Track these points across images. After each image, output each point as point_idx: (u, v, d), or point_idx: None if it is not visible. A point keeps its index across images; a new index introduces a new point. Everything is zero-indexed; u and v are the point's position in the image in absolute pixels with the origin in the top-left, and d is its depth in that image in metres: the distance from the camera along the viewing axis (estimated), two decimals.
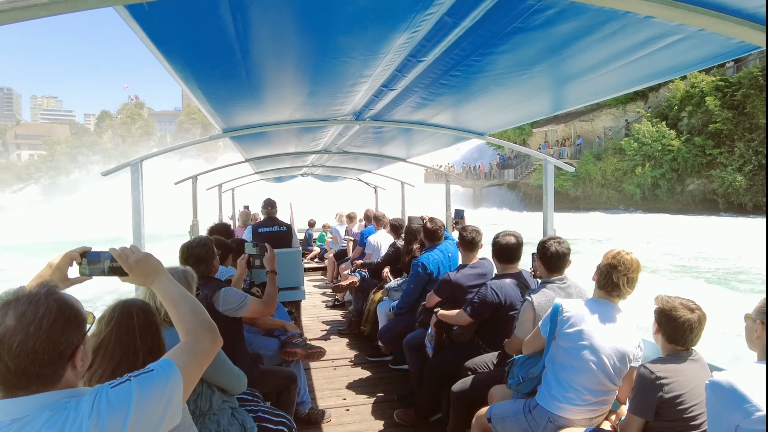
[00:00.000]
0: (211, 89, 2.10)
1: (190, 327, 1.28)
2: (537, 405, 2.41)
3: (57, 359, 1.07)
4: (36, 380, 1.06)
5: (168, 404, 1.13)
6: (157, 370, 1.15)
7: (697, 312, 2.04)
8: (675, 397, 1.97)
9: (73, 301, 1.14)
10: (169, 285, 1.35)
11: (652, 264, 18.24)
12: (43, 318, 1.05)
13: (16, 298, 1.07)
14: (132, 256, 1.37)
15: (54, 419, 1.03)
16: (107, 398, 1.06)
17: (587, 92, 2.36)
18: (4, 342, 1.01)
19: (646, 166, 36.57)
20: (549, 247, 2.79)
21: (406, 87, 2.31)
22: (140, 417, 1.07)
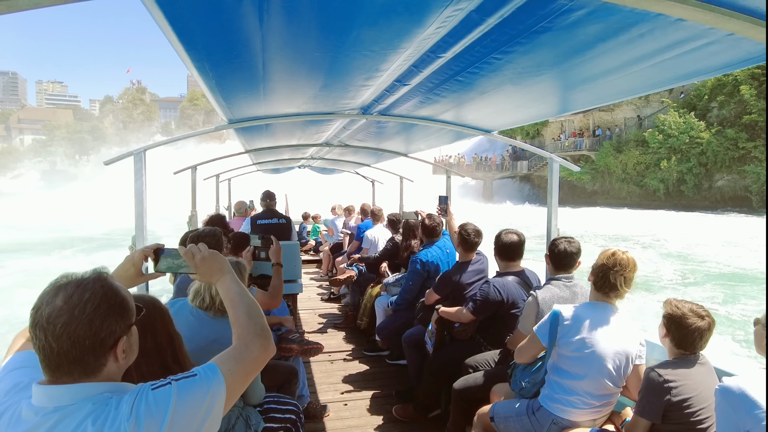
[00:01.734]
0: (225, 80, 2.06)
1: (242, 331, 1.26)
2: (540, 407, 2.42)
3: (98, 346, 1.07)
4: (78, 366, 1.06)
5: (207, 413, 1.10)
6: (199, 376, 1.13)
7: (707, 319, 2.04)
8: (682, 401, 1.98)
9: (121, 290, 1.14)
10: (231, 285, 1.35)
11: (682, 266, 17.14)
12: (87, 302, 1.06)
13: (67, 282, 1.09)
14: (198, 254, 1.38)
15: (96, 414, 1.03)
16: (146, 401, 1.05)
17: (603, 94, 2.35)
18: (50, 322, 1.03)
19: (672, 159, 34.25)
20: (558, 245, 2.81)
21: (420, 83, 2.28)
22: (177, 423, 1.06)
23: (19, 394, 1.13)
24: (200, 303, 2.21)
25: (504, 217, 29.99)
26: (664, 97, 36.66)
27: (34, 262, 19.47)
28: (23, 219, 38.10)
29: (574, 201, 40.80)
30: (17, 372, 1.22)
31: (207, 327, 2.13)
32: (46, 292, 1.08)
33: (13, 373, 1.22)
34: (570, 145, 42.51)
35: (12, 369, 1.24)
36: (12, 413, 1.08)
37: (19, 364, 1.25)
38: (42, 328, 1.03)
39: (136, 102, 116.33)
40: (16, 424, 1.05)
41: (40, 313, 1.05)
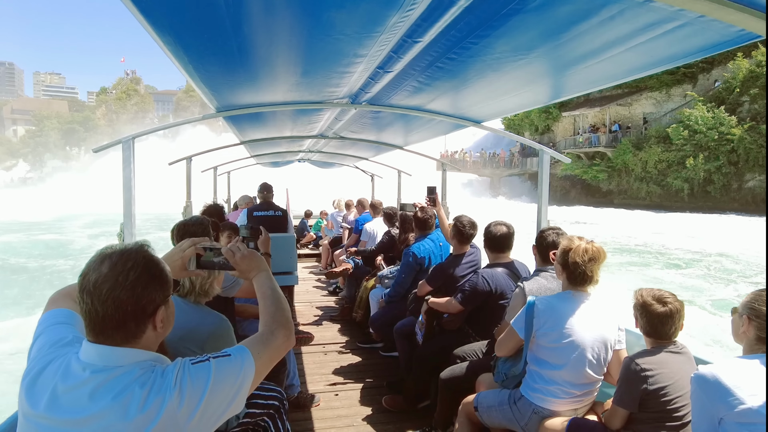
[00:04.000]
0: (203, 65, 2.05)
1: (269, 319, 1.35)
2: (522, 396, 2.42)
3: (139, 313, 1.14)
4: (119, 330, 1.13)
5: (238, 391, 1.18)
6: (233, 356, 1.21)
7: (670, 305, 2.04)
8: (659, 389, 1.98)
9: (161, 263, 1.22)
10: (266, 281, 1.47)
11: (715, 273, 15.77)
12: (130, 270, 1.13)
13: (112, 251, 1.17)
14: (238, 252, 1.49)
15: (143, 379, 1.10)
16: (189, 374, 1.13)
17: (586, 80, 2.32)
18: (97, 287, 1.11)
19: (699, 157, 31.27)
20: (546, 237, 2.80)
21: (403, 70, 2.27)
22: (213, 398, 1.13)
23: (65, 348, 1.19)
24: (180, 290, 2.22)
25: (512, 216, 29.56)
26: (689, 91, 34.44)
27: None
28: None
29: (587, 201, 39.60)
30: (61, 327, 1.28)
31: (186, 315, 2.14)
32: (93, 260, 1.16)
33: (56, 327, 1.28)
34: (584, 141, 40.29)
35: (54, 323, 1.30)
36: (60, 364, 1.13)
37: (60, 319, 1.31)
38: (89, 293, 1.11)
39: (130, 93, 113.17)
40: (66, 376, 1.10)
41: (88, 278, 1.12)
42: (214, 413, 1.14)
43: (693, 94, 33.75)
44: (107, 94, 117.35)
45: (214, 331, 2.13)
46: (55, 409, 1.07)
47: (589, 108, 40.33)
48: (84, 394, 1.07)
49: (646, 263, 17.66)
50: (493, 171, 49.67)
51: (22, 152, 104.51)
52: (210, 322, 2.18)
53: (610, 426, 2.15)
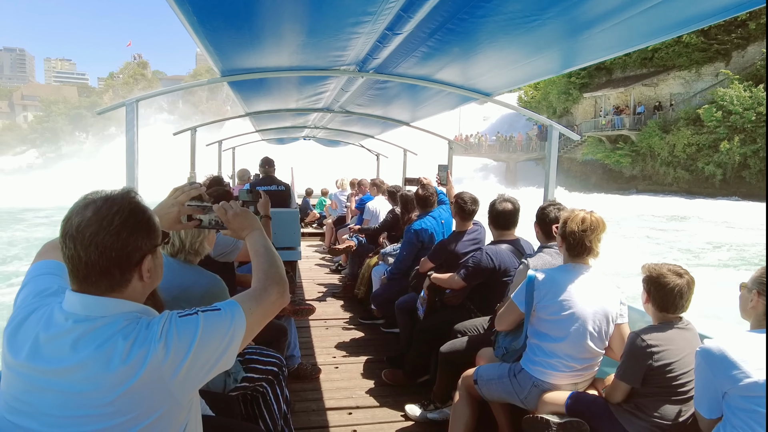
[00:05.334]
0: (208, 19, 1.99)
1: (262, 276, 1.31)
2: (522, 369, 2.40)
3: (124, 260, 1.10)
4: (104, 278, 1.09)
5: (228, 346, 1.14)
6: (223, 310, 1.17)
7: (686, 277, 2.01)
8: (664, 366, 1.95)
9: (148, 210, 1.18)
10: (259, 239, 1.43)
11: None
12: (115, 215, 1.09)
13: (98, 196, 1.13)
14: (230, 210, 1.45)
15: (127, 330, 1.06)
16: (176, 326, 1.09)
17: (600, 46, 2.24)
18: (80, 231, 1.07)
19: (734, 140, 28.91)
20: (548, 214, 2.75)
21: (412, 32, 2.19)
22: (200, 352, 1.09)
23: (49, 298, 1.16)
24: (170, 249, 2.19)
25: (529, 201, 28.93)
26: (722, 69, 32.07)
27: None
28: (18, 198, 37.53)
29: (609, 186, 37.41)
30: (46, 277, 1.25)
31: (177, 275, 2.11)
32: (77, 204, 1.11)
33: (40, 277, 1.26)
34: (607, 124, 37.78)
35: (40, 274, 1.27)
36: (42, 313, 1.11)
37: (47, 269, 1.29)
38: (71, 237, 1.07)
39: (137, 77, 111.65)
40: (48, 325, 1.08)
41: (70, 222, 1.08)
42: (202, 368, 1.11)
43: (727, 72, 31.41)
44: (114, 78, 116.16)
45: (208, 290, 2.11)
46: (37, 358, 1.05)
47: (612, 89, 38.21)
48: (66, 343, 1.05)
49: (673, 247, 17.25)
50: (510, 155, 47.00)
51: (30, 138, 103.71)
52: (204, 282, 2.15)
53: (610, 399, 2.13)
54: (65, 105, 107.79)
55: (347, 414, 3.23)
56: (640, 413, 2.01)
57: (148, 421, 1.06)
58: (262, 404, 2.51)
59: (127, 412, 1.04)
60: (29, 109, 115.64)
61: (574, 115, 43.68)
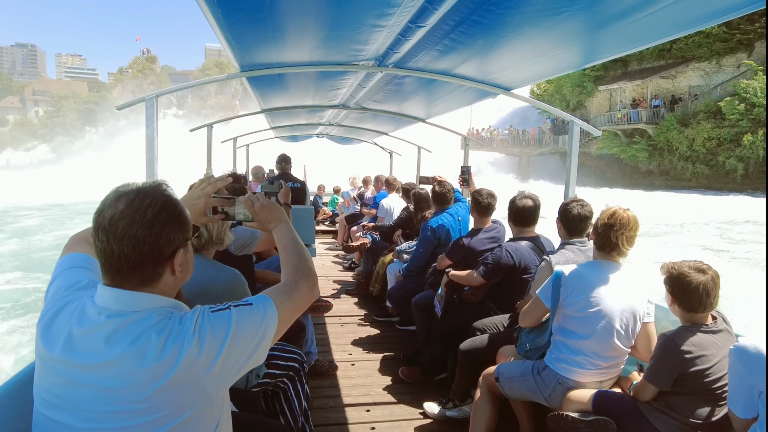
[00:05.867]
0: (231, 11, 1.99)
1: (292, 270, 1.30)
2: (546, 367, 2.37)
3: (157, 254, 1.09)
4: (137, 272, 1.08)
5: (260, 341, 1.13)
6: (255, 305, 1.15)
7: (709, 272, 1.94)
8: (699, 371, 1.89)
9: (180, 203, 1.16)
10: (286, 231, 1.41)
11: None
12: (148, 208, 1.07)
13: (129, 189, 1.11)
14: (257, 202, 1.43)
15: (160, 326, 1.05)
16: (209, 322, 1.08)
17: (626, 39, 2.18)
18: (113, 224, 1.05)
19: (758, 133, 27.85)
20: (571, 210, 2.71)
21: (435, 25, 2.16)
22: (234, 347, 1.08)
23: (80, 292, 1.16)
24: (196, 242, 2.17)
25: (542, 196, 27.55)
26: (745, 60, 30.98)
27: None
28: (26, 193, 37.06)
29: (624, 182, 36.29)
30: (76, 270, 1.25)
31: (197, 271, 2.09)
32: (108, 197, 1.10)
33: (71, 270, 1.25)
34: (623, 117, 36.65)
35: (70, 267, 1.26)
36: (75, 307, 1.10)
37: (76, 262, 1.28)
38: (104, 231, 1.06)
39: (146, 71, 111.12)
40: (81, 319, 1.07)
41: (103, 215, 1.07)
42: (235, 364, 1.09)
43: (750, 62, 30.44)
44: (123, 73, 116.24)
45: (228, 286, 2.10)
46: (71, 352, 1.05)
47: (628, 81, 36.95)
48: (100, 338, 1.04)
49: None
50: (522, 150, 46.07)
51: (41, 133, 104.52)
52: (224, 278, 2.14)
53: (639, 398, 2.09)
54: (75, 100, 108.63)
55: (365, 411, 3.22)
56: (671, 412, 1.96)
57: (182, 418, 1.05)
58: (283, 400, 2.51)
59: (162, 409, 1.03)
60: (40, 104, 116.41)
61: (588, 108, 42.68)
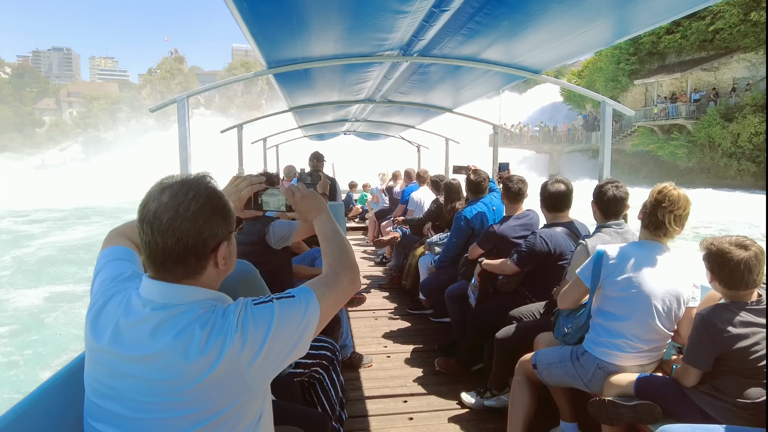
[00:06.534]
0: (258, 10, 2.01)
1: (333, 261, 1.29)
2: (585, 352, 2.31)
3: (201, 246, 1.09)
4: (180, 265, 1.08)
5: (303, 334, 1.13)
6: (297, 297, 1.15)
7: (753, 248, 1.84)
8: (738, 350, 1.81)
9: (224, 195, 1.16)
10: (327, 222, 1.40)
11: None
12: (192, 200, 1.07)
13: (174, 181, 1.11)
14: (298, 192, 1.43)
15: (203, 319, 1.06)
16: (252, 314, 1.08)
17: (661, 7, 2.11)
18: (156, 216, 1.06)
19: None
20: (606, 192, 2.63)
21: (459, 9, 2.14)
22: (276, 340, 1.08)
23: (125, 283, 1.18)
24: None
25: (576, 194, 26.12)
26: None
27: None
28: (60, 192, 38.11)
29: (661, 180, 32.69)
30: (119, 263, 1.27)
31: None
32: (153, 189, 1.10)
33: (114, 263, 1.27)
34: (660, 112, 34.48)
35: (112, 259, 1.29)
36: (121, 299, 1.13)
37: (118, 255, 1.30)
38: (149, 223, 1.06)
39: (173, 72, 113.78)
40: (127, 311, 1.10)
41: (147, 208, 1.07)
42: (278, 357, 1.09)
43: None
44: (152, 74, 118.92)
45: (242, 276, 2.12)
46: (119, 343, 1.07)
47: (666, 74, 35.17)
48: (145, 330, 1.06)
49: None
50: (553, 147, 43.96)
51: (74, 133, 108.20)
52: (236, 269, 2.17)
53: (683, 383, 2.01)
54: (106, 101, 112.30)
55: (402, 402, 3.22)
56: (719, 394, 1.89)
57: (227, 410, 1.07)
58: (320, 390, 2.54)
59: (206, 401, 1.05)
60: (74, 105, 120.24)
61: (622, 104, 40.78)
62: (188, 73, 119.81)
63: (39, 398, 1.39)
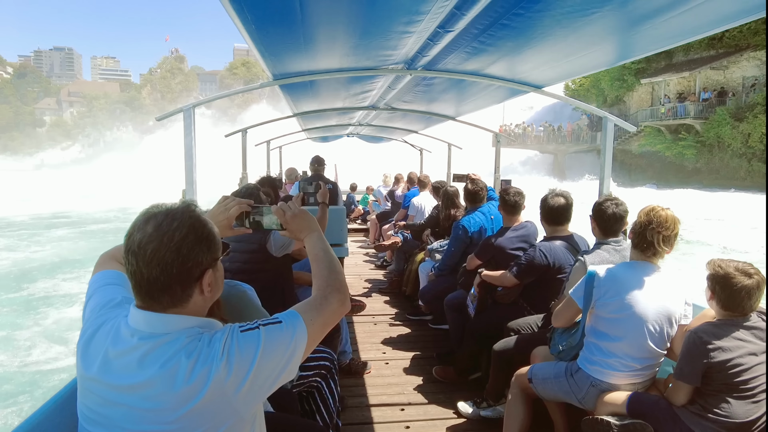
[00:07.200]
0: (264, 25, 2.04)
1: (322, 284, 1.29)
2: (579, 369, 2.35)
3: (185, 275, 1.11)
4: (166, 294, 1.10)
5: (290, 359, 1.14)
6: (284, 323, 1.16)
7: (756, 277, 1.91)
8: (723, 363, 1.88)
9: (209, 224, 1.17)
10: (317, 241, 1.40)
11: None
12: (176, 230, 1.09)
13: (158, 211, 1.13)
14: (289, 211, 1.42)
15: (189, 348, 1.08)
16: (238, 342, 1.09)
17: (659, 37, 2.14)
18: (141, 247, 1.08)
19: None
20: (606, 209, 2.67)
21: (464, 29, 2.18)
22: (263, 367, 1.10)
23: (113, 311, 1.20)
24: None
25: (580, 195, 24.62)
26: None
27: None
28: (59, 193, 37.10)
29: (668, 180, 33.90)
30: (110, 288, 1.28)
31: None
32: (138, 219, 1.12)
33: (105, 288, 1.29)
34: (667, 112, 33.95)
35: (104, 284, 1.30)
36: (111, 327, 1.14)
37: (108, 280, 1.31)
38: (134, 254, 1.08)
39: (174, 71, 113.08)
40: (116, 341, 1.11)
41: (132, 239, 1.09)
42: (265, 382, 1.11)
43: None
44: (152, 73, 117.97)
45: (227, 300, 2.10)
46: (107, 373, 1.10)
47: (674, 73, 34.50)
48: (133, 360, 1.08)
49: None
50: (558, 147, 43.48)
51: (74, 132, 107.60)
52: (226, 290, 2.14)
53: (673, 401, 2.06)
54: (106, 100, 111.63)
55: (399, 410, 3.27)
56: (706, 413, 1.93)
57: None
58: (318, 399, 2.58)
59: (194, 428, 1.07)
60: (75, 105, 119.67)
61: (627, 104, 40.16)
62: (189, 72, 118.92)
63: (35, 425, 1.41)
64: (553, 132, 44.42)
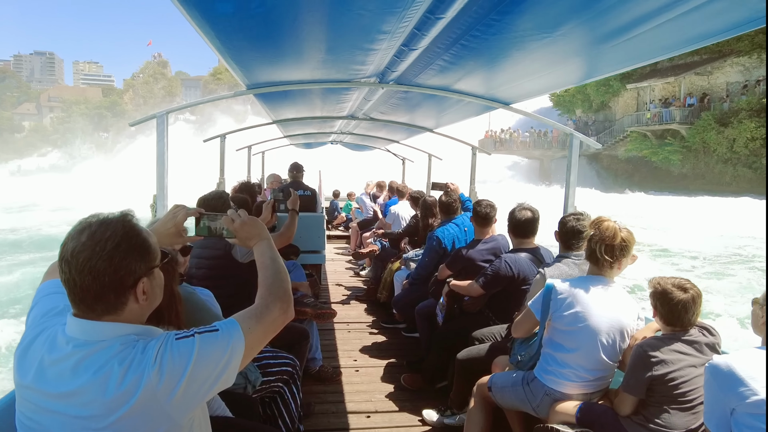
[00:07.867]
0: (230, 39, 2.09)
1: (265, 292, 1.30)
2: (535, 378, 2.43)
3: (118, 284, 1.12)
4: (99, 302, 1.11)
5: (225, 367, 1.15)
6: (221, 331, 1.17)
7: (691, 291, 2.01)
8: (664, 375, 1.97)
9: (143, 232, 1.18)
10: (266, 249, 1.41)
11: None
12: (108, 240, 1.10)
13: (94, 220, 1.14)
14: (238, 219, 1.44)
15: (122, 355, 1.09)
16: (171, 351, 1.10)
17: (618, 59, 2.24)
18: (74, 256, 1.09)
19: None
20: (566, 223, 2.77)
21: (428, 47, 2.25)
22: (196, 374, 1.11)
23: (54, 319, 1.21)
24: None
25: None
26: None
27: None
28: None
29: (655, 186, 34.08)
30: (52, 297, 1.30)
31: None
32: (74, 228, 1.13)
33: (48, 297, 1.30)
34: (653, 117, 34.25)
35: (48, 293, 1.32)
36: (48, 335, 1.15)
37: (54, 288, 1.32)
38: (67, 262, 1.10)
39: (156, 76, 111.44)
40: (52, 349, 1.12)
41: (66, 247, 1.11)
42: (200, 389, 1.12)
43: None
44: (135, 78, 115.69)
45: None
46: (42, 381, 1.10)
47: (659, 79, 34.71)
48: (67, 368, 1.09)
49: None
50: (544, 152, 43.68)
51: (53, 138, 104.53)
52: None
53: (619, 411, 2.14)
54: (86, 105, 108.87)
55: (366, 417, 3.30)
56: (648, 424, 2.02)
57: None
58: (281, 404, 2.62)
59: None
60: (55, 110, 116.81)
61: (613, 109, 40.33)
62: (172, 78, 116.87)
63: None
64: (539, 137, 44.52)
